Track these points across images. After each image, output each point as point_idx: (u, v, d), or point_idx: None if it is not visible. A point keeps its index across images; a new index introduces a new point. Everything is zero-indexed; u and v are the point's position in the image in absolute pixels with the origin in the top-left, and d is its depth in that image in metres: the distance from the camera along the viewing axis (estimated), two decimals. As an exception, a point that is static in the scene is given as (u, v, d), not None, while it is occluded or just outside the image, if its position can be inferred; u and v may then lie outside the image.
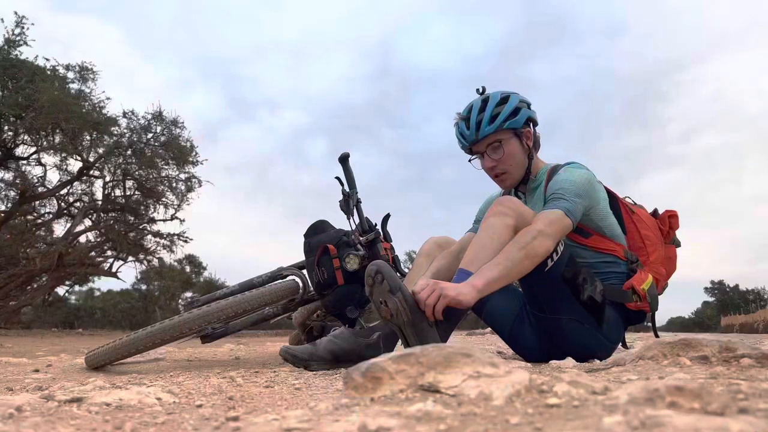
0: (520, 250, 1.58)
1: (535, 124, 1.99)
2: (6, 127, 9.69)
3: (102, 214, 11.78)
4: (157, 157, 10.95)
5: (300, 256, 2.53)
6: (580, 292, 1.73)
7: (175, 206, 11.71)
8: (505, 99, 1.92)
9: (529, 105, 1.96)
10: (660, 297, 1.98)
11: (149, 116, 10.84)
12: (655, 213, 2.06)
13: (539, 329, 1.87)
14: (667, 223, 2.02)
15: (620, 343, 1.95)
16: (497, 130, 1.88)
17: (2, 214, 10.19)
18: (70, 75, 10.23)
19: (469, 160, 2.02)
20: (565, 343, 1.80)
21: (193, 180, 11.67)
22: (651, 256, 1.94)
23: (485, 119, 1.88)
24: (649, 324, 2.06)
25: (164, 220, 11.92)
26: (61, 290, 15.63)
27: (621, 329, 1.89)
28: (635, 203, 2.07)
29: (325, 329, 2.52)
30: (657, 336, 2.03)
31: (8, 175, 10.53)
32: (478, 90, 1.98)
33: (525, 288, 1.83)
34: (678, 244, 2.07)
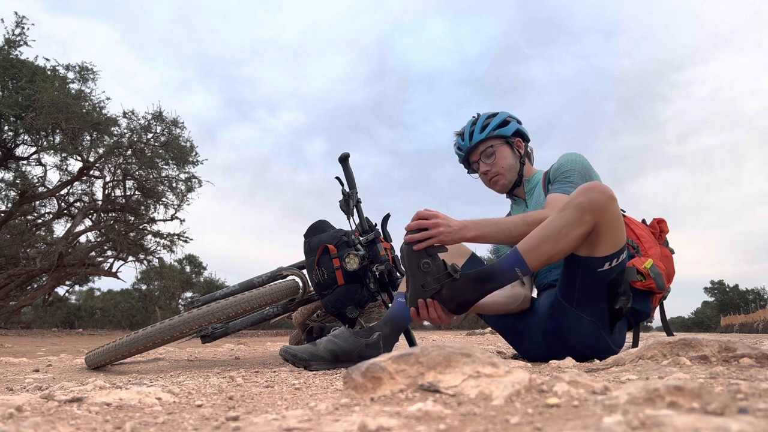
0: (524, 225, 1.66)
1: (526, 139, 2.15)
2: (6, 127, 9.69)
3: (102, 214, 11.78)
4: (157, 157, 10.95)
5: (300, 256, 2.53)
6: (615, 300, 1.73)
7: (175, 206, 11.71)
8: (494, 114, 2.15)
9: (518, 121, 2.14)
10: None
11: (149, 116, 10.85)
12: (643, 221, 2.08)
13: (546, 327, 1.87)
14: (657, 227, 2.04)
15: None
16: (488, 137, 2.08)
17: (2, 214, 10.19)
18: (70, 75, 10.24)
19: (468, 173, 2.22)
20: (576, 341, 1.79)
21: (193, 180, 11.67)
22: (649, 251, 1.94)
23: (477, 129, 2.11)
24: (650, 323, 2.07)
25: (164, 220, 11.92)
26: (61, 290, 15.63)
27: (625, 333, 1.91)
28: (624, 210, 2.08)
29: (324, 329, 2.52)
30: (671, 334, 2.02)
31: (8, 175, 10.53)
32: (473, 116, 2.20)
33: (566, 277, 1.78)
34: (671, 251, 2.07)
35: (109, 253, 12.68)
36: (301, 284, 2.51)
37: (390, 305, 1.91)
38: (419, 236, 1.57)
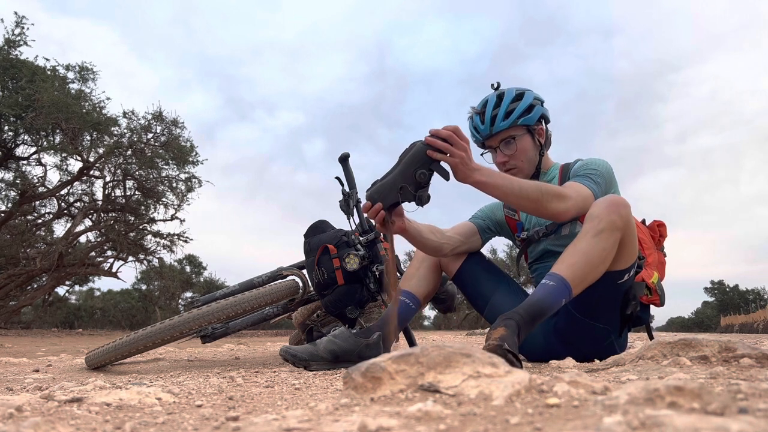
0: (538, 191, 1.57)
1: (547, 121, 2.00)
2: (6, 127, 9.69)
3: (102, 214, 11.78)
4: (157, 157, 10.95)
5: (299, 256, 2.53)
6: (627, 306, 1.74)
7: (175, 206, 11.72)
8: (520, 95, 1.92)
9: (542, 102, 1.97)
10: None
11: (149, 116, 10.86)
12: (643, 222, 2.08)
13: (547, 327, 1.86)
14: (657, 231, 2.03)
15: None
16: (511, 125, 1.90)
17: (2, 214, 10.19)
18: (70, 75, 10.25)
19: (481, 154, 2.04)
20: (585, 346, 1.79)
21: (193, 180, 11.68)
22: (648, 259, 1.94)
23: (500, 115, 1.89)
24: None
25: (164, 220, 11.93)
26: (61, 290, 15.64)
27: (627, 336, 1.91)
28: None
29: (325, 329, 2.52)
30: (651, 338, 2.03)
31: (8, 175, 10.53)
32: (492, 85, 1.98)
33: (584, 293, 1.65)
34: (665, 255, 2.08)
35: (109, 253, 12.69)
36: (301, 284, 2.51)
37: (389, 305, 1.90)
38: (441, 145, 1.47)
